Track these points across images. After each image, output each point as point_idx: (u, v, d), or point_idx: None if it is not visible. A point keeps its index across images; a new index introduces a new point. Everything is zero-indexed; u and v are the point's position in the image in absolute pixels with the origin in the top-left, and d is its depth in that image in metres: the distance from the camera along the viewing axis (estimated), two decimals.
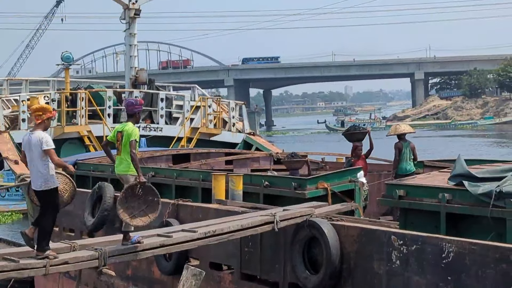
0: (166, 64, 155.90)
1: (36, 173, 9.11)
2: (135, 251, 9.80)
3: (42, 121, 9.22)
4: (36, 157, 9.07)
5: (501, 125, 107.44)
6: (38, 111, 9.29)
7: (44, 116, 9.22)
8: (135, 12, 28.23)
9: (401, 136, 14.95)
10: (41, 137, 9.07)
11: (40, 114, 9.24)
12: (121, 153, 9.96)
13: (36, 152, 9.06)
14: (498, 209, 9.22)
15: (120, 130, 10.04)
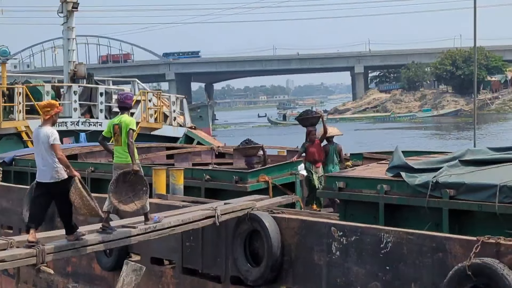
0: (106, 58, 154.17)
1: (46, 166, 9.45)
2: (74, 248, 9.68)
3: (50, 116, 9.60)
4: (45, 151, 9.43)
5: (438, 118, 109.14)
6: (46, 107, 9.65)
7: (52, 112, 9.60)
8: (73, 6, 27.85)
9: (329, 139, 14.88)
10: (49, 132, 9.42)
11: (48, 110, 9.60)
12: (121, 144, 10.25)
13: (44, 146, 9.42)
14: (435, 199, 9.41)
15: (116, 123, 10.33)
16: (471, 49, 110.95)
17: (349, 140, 60.87)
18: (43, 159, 9.49)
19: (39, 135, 9.51)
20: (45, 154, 9.45)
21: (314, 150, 14.28)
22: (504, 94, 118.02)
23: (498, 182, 8.87)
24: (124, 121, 10.25)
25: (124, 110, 10.50)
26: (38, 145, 9.53)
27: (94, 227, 10.46)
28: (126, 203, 10.10)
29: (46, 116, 9.62)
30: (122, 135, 10.21)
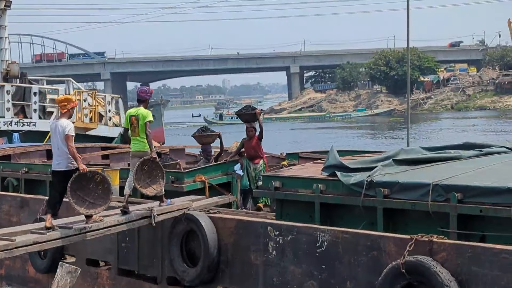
0: (40, 57, 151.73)
1: (61, 156, 10.19)
2: (7, 249, 9.51)
3: (67, 110, 10.35)
4: (61, 142, 10.16)
5: (373, 117, 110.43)
6: (63, 101, 10.40)
7: (69, 106, 10.36)
8: (6, 4, 27.44)
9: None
10: (66, 124, 10.19)
11: (65, 105, 10.34)
12: (138, 134, 10.99)
13: (60, 137, 10.15)
14: (369, 198, 9.53)
15: (133, 114, 11.07)
16: (404, 50, 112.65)
17: (284, 140, 61.24)
18: (59, 149, 10.22)
19: (56, 127, 10.22)
20: (61, 144, 10.17)
21: (250, 145, 14.01)
22: (436, 94, 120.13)
23: (430, 181, 9.03)
24: (141, 113, 10.99)
25: (140, 103, 11.24)
26: (55, 136, 10.24)
27: (26, 229, 10.27)
28: (145, 188, 10.90)
29: (63, 110, 10.36)
30: (140, 126, 10.93)
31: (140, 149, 11.06)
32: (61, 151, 10.22)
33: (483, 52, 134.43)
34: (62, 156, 10.22)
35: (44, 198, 13.54)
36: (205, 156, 15.37)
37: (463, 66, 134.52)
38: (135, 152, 11.14)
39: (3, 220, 14.39)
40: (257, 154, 13.96)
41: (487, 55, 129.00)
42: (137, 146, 11.12)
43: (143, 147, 11.01)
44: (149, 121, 10.92)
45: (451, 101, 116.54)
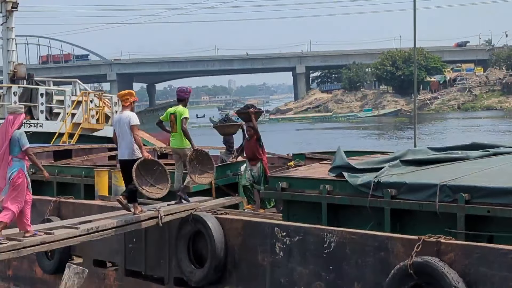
0: (46, 58, 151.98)
1: (126, 145, 10.80)
2: (15, 249, 9.52)
3: (129, 103, 10.97)
4: (126, 132, 10.75)
5: (379, 117, 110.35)
6: (126, 95, 11.04)
7: (131, 99, 11.02)
8: (13, 5, 27.42)
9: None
10: (130, 115, 10.81)
11: (127, 98, 10.99)
12: (176, 130, 11.57)
13: (125, 128, 10.73)
14: (377, 199, 9.52)
15: (172, 112, 11.68)
16: (410, 50, 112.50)
17: (290, 140, 61.24)
18: (124, 140, 10.83)
19: (120, 119, 10.86)
20: (125, 135, 10.78)
21: (249, 146, 13.70)
22: (443, 94, 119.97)
23: (438, 181, 9.02)
24: (179, 110, 11.59)
25: (179, 102, 11.84)
26: (119, 128, 10.85)
27: (33, 229, 10.29)
28: (199, 178, 11.54)
29: (126, 103, 11.00)
30: (177, 123, 11.50)
31: (178, 146, 11.64)
32: (126, 141, 10.83)
33: (490, 52, 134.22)
34: (126, 146, 10.84)
35: (52, 199, 13.60)
36: (227, 148, 15.04)
37: (469, 66, 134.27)
38: (174, 148, 11.78)
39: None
40: (254, 156, 13.57)
41: (494, 55, 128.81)
42: (176, 142, 11.70)
43: (181, 144, 11.57)
44: (185, 117, 11.50)
45: (457, 101, 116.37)
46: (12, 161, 9.71)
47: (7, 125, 9.84)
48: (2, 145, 9.71)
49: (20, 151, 9.77)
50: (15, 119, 9.91)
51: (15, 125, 9.86)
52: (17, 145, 9.76)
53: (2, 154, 9.71)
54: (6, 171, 9.69)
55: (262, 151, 13.61)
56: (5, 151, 9.70)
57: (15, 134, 9.78)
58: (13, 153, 9.76)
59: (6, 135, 9.75)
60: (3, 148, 9.71)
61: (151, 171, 10.98)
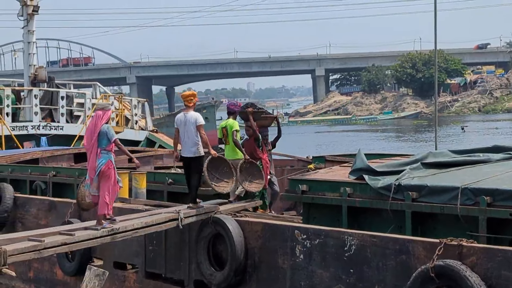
0: (66, 61, 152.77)
1: (191, 144, 11.33)
2: (36, 250, 9.56)
3: (193, 104, 11.55)
4: (191, 131, 11.31)
5: (399, 120, 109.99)
6: (189, 96, 11.63)
7: (194, 100, 11.65)
8: (33, 9, 27.64)
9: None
10: (196, 116, 11.39)
11: (191, 99, 11.59)
12: (229, 143, 12.38)
13: (191, 127, 11.31)
14: (397, 201, 9.47)
15: (224, 126, 12.56)
16: (430, 52, 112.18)
17: (310, 143, 61.14)
18: (189, 138, 11.34)
19: (186, 119, 11.41)
20: (191, 133, 11.32)
21: (247, 145, 13.23)
22: (463, 97, 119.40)
23: (459, 184, 8.96)
24: (230, 124, 12.45)
25: (230, 115, 12.64)
26: (185, 127, 11.37)
27: (54, 230, 10.33)
28: (249, 186, 11.98)
29: (190, 104, 11.55)
30: (229, 136, 12.33)
31: (231, 157, 12.29)
32: (191, 140, 11.36)
33: (511, 54, 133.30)
34: (191, 144, 11.37)
35: (72, 202, 13.65)
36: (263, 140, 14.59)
37: (490, 68, 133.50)
38: (228, 159, 12.18)
39: (31, 223, 14.50)
40: (252, 155, 13.13)
41: None
42: (228, 154, 12.49)
43: (234, 155, 12.32)
44: (236, 130, 12.28)
45: (478, 103, 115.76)
46: (101, 153, 10.45)
47: (96, 120, 10.60)
48: (92, 138, 10.45)
49: (108, 143, 10.50)
50: (103, 114, 10.67)
51: (104, 120, 10.59)
52: (105, 138, 10.48)
53: (91, 146, 10.47)
54: (95, 162, 10.42)
55: (262, 150, 13.21)
56: (94, 144, 10.44)
57: (103, 128, 10.50)
58: (101, 145, 10.48)
59: (95, 129, 10.50)
60: (92, 141, 10.45)
61: (217, 168, 11.61)
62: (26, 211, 14.92)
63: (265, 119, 13.96)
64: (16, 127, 25.95)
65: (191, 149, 11.40)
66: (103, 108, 10.82)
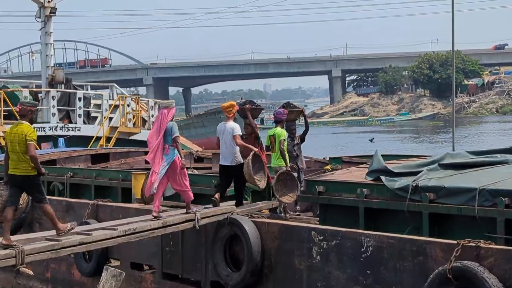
0: (83, 63, 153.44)
1: (228, 153, 11.77)
2: (54, 249, 9.59)
3: (232, 114, 11.94)
4: (229, 140, 11.72)
5: (416, 121, 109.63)
6: (229, 107, 12.00)
7: (233, 111, 11.98)
8: (51, 11, 27.78)
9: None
10: (233, 126, 11.79)
11: (230, 110, 11.96)
12: (275, 151, 12.48)
13: (229, 136, 11.71)
14: (415, 203, 9.44)
15: (271, 134, 12.62)
16: (448, 53, 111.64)
17: (326, 144, 61.03)
18: (227, 148, 11.76)
19: (225, 129, 11.81)
20: (229, 143, 11.71)
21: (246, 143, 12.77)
22: (481, 98, 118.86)
23: (477, 185, 8.92)
24: (277, 132, 12.52)
25: (277, 123, 12.75)
26: (223, 136, 11.80)
27: (72, 230, 10.36)
28: (282, 196, 11.93)
29: (229, 115, 11.93)
30: (276, 144, 12.44)
31: (277, 165, 12.43)
32: (229, 149, 11.75)
33: None
34: (229, 153, 11.76)
35: (89, 202, 13.71)
36: (289, 135, 14.44)
37: (508, 69, 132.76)
38: (274, 167, 12.52)
39: (49, 224, 14.51)
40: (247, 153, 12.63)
41: None
42: (274, 162, 12.58)
43: (279, 163, 12.40)
44: (283, 139, 12.45)
45: (496, 104, 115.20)
46: (168, 148, 11.05)
47: (162, 118, 11.17)
48: (158, 135, 11.03)
49: (172, 139, 11.07)
50: (168, 112, 11.22)
51: (169, 117, 11.14)
52: (170, 134, 11.07)
53: (158, 143, 11.01)
54: (162, 158, 11.01)
55: (260, 150, 12.76)
56: (161, 141, 11.00)
57: (168, 125, 11.07)
58: (167, 141, 11.07)
59: (161, 126, 11.08)
60: (159, 138, 11.01)
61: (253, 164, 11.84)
62: None
63: (291, 113, 13.95)
64: (34, 128, 26.06)
65: (228, 158, 11.80)
66: (167, 106, 11.33)
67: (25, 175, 9.67)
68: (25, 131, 9.70)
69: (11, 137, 9.74)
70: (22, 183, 9.75)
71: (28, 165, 9.63)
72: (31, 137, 9.67)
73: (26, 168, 9.65)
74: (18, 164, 9.68)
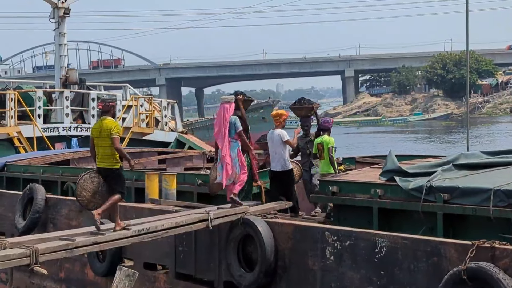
0: (96, 63, 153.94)
1: (278, 159, 12.24)
2: (68, 249, 9.61)
3: (279, 122, 12.42)
4: (278, 147, 12.19)
5: (430, 121, 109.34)
6: (276, 116, 12.55)
7: (281, 119, 12.48)
8: (65, 11, 27.86)
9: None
10: (282, 133, 12.27)
11: (278, 118, 12.47)
12: (324, 158, 12.89)
13: (278, 143, 12.18)
14: (429, 203, 9.39)
15: (319, 142, 13.00)
16: (461, 53, 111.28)
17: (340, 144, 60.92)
18: (276, 154, 12.23)
19: (273, 136, 12.34)
20: (278, 149, 12.18)
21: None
22: (495, 98, 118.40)
23: (492, 186, 8.87)
24: (325, 140, 12.93)
25: (324, 131, 13.15)
26: (272, 143, 12.31)
27: (85, 230, 10.38)
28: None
29: (277, 123, 12.42)
30: (325, 151, 12.83)
31: (325, 171, 12.77)
32: (278, 155, 12.24)
33: None
34: (278, 159, 12.24)
35: None
36: (303, 130, 13.92)
37: None
38: (322, 173, 12.82)
39: (63, 224, 14.60)
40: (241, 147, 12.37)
41: None
42: (323, 168, 12.92)
43: (328, 170, 12.76)
44: (332, 146, 12.86)
45: (510, 104, 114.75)
46: (230, 141, 11.62)
47: (224, 113, 11.67)
48: (221, 129, 11.61)
49: (235, 133, 11.67)
50: (230, 107, 11.73)
51: (231, 112, 11.68)
52: (233, 128, 11.65)
53: (222, 136, 11.59)
54: (228, 150, 11.57)
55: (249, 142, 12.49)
56: (225, 134, 11.57)
57: (231, 119, 11.65)
58: (230, 135, 11.64)
59: (224, 121, 11.61)
60: (222, 132, 11.59)
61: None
62: (58, 212, 15.03)
63: (300, 109, 13.85)
64: (48, 128, 26.18)
65: (278, 164, 12.23)
66: (229, 101, 11.80)
67: (109, 168, 10.41)
68: (110, 126, 10.46)
69: (97, 133, 10.58)
70: (106, 176, 10.46)
71: (112, 159, 10.40)
72: (115, 131, 10.41)
73: (110, 162, 10.41)
74: (103, 158, 10.46)
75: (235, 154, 11.63)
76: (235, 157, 11.62)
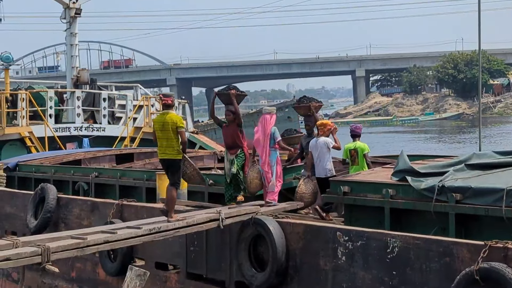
0: (107, 63, 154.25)
1: (322, 165, 12.38)
2: (79, 247, 9.63)
3: (323, 132, 12.61)
4: (323, 155, 12.38)
5: (441, 121, 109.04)
6: (321, 125, 12.74)
7: (325, 129, 12.64)
8: (76, 12, 27.95)
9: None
10: (327, 141, 12.50)
11: (322, 128, 12.69)
12: (358, 163, 13.11)
13: (323, 151, 12.37)
14: (441, 203, 9.35)
15: (352, 148, 13.24)
16: (473, 53, 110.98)
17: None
18: (321, 161, 12.39)
19: (318, 144, 12.47)
20: (323, 157, 12.39)
21: (228, 132, 12.30)
22: (506, 98, 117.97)
23: (504, 186, 8.82)
24: (359, 146, 13.19)
25: (355, 137, 13.41)
26: (317, 151, 12.44)
27: (97, 229, 10.40)
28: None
29: (321, 132, 12.65)
30: (359, 157, 13.10)
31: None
32: (322, 162, 12.38)
33: None
34: (323, 166, 12.36)
35: (114, 202, 13.76)
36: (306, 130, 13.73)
37: None
38: None
39: (74, 223, 14.64)
40: (234, 143, 12.16)
41: None
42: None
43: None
44: (367, 152, 13.17)
45: None
46: (270, 150, 12.09)
47: (265, 123, 12.20)
48: (263, 139, 12.10)
49: (275, 143, 12.14)
50: (271, 117, 12.27)
51: (272, 123, 12.22)
52: (273, 138, 12.12)
53: (263, 145, 12.07)
54: (268, 158, 12.05)
55: (243, 138, 12.23)
56: (266, 143, 12.06)
57: (272, 130, 12.15)
58: (270, 144, 12.10)
59: (265, 131, 12.12)
60: (263, 141, 12.08)
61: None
62: (69, 212, 15.06)
63: (298, 108, 13.60)
64: (59, 128, 26.27)
65: (323, 171, 12.37)
66: (270, 112, 12.37)
67: (171, 159, 10.96)
68: (174, 119, 10.92)
69: (161, 125, 10.96)
70: (168, 166, 11.03)
71: (175, 150, 10.93)
72: (181, 125, 10.92)
73: (173, 153, 10.94)
74: (166, 150, 10.96)
75: (273, 163, 12.06)
76: (274, 165, 12.06)
